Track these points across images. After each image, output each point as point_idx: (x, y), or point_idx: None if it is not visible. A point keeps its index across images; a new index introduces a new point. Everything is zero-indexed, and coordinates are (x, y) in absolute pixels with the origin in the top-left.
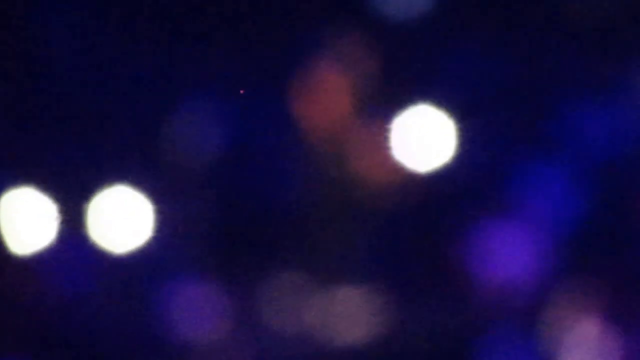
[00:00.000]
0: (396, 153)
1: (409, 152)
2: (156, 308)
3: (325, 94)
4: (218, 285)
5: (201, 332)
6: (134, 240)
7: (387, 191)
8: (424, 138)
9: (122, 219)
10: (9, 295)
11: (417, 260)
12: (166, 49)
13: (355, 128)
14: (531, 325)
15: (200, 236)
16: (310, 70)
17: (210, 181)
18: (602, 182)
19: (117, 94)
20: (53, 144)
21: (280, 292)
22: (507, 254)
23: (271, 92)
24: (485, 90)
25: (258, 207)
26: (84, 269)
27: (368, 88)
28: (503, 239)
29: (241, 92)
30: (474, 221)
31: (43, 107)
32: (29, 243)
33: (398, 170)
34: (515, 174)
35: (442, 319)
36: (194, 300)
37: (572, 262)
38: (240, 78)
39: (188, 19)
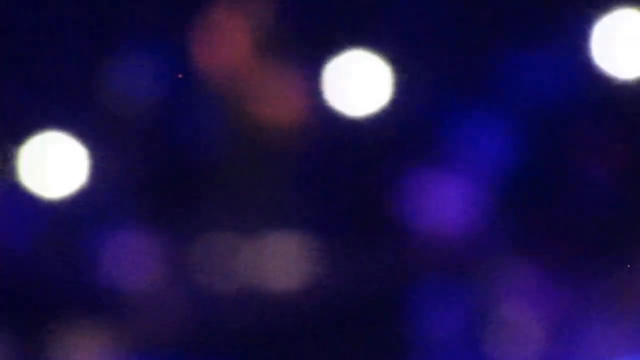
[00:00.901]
0: (328, 98)
1: (341, 97)
2: (89, 255)
3: (235, 39)
4: (149, 232)
5: (134, 279)
6: (67, 187)
7: (316, 137)
8: (357, 83)
9: (55, 164)
10: None
11: (348, 208)
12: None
13: (279, 74)
14: (464, 274)
15: (131, 185)
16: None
17: (140, 130)
18: (536, 132)
19: (50, 39)
20: None
21: (211, 241)
22: (440, 203)
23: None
24: (422, 37)
25: (186, 155)
26: (16, 215)
27: (296, 34)
28: (436, 188)
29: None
30: (407, 169)
31: None
32: None
33: (328, 116)
34: (449, 123)
35: (374, 267)
36: (127, 247)
37: (505, 210)
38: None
39: None
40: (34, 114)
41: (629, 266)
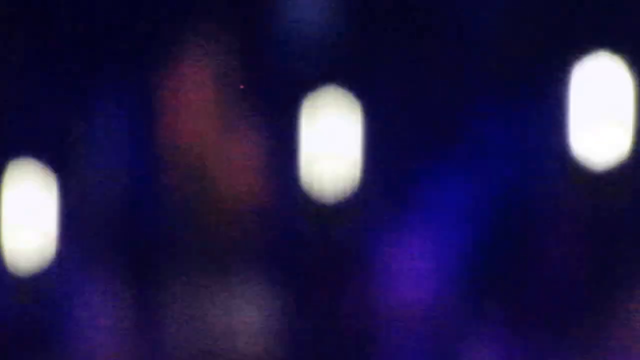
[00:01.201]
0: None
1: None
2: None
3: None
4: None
5: (105, 329)
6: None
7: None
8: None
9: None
10: None
11: (311, 265)
12: None
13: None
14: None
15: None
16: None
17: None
18: (506, 191)
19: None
20: None
21: (179, 292)
22: (406, 270)
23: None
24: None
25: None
26: None
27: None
28: (406, 239)
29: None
30: (376, 220)
31: None
32: None
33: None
34: (419, 187)
35: (340, 320)
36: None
37: (470, 280)
38: None
39: None
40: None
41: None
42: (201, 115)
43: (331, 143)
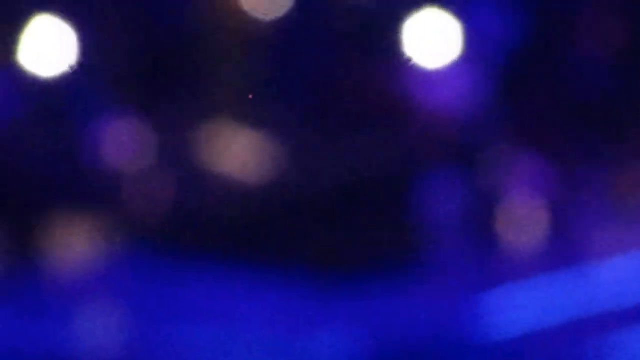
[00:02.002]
0: None
1: None
2: (76, 135)
3: None
4: (136, 114)
5: (119, 161)
6: (59, 66)
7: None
8: None
9: (49, 46)
10: None
11: (350, 93)
12: None
13: None
14: (465, 159)
15: (120, 66)
16: None
17: (129, 12)
18: (536, 13)
19: None
20: None
21: (198, 122)
22: (441, 89)
23: None
24: None
25: (174, 37)
26: (13, 93)
27: None
28: (436, 73)
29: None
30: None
31: None
32: None
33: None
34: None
35: (378, 151)
36: (115, 127)
37: (504, 96)
38: None
39: None
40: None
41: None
42: None
43: None
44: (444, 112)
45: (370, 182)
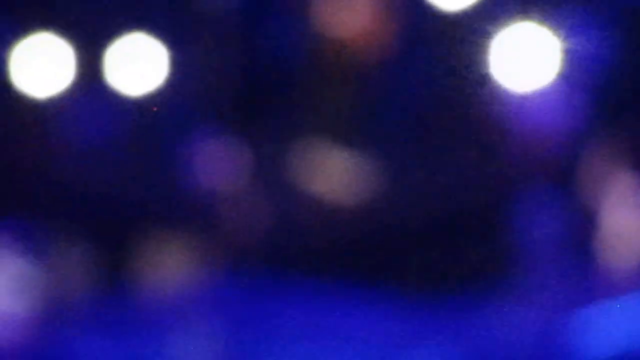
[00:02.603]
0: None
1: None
2: (171, 154)
3: None
4: (231, 135)
5: (215, 181)
6: (149, 85)
7: (407, 37)
8: None
9: (139, 64)
10: (26, 139)
11: (443, 117)
12: None
13: None
14: (565, 181)
15: (216, 85)
16: None
17: (226, 32)
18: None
19: None
20: None
21: (297, 146)
22: (537, 109)
23: None
24: None
25: (272, 61)
26: (101, 113)
27: None
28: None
29: None
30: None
31: None
32: (48, 87)
33: (419, 14)
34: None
35: (475, 175)
36: (208, 149)
37: (602, 117)
38: None
39: None
40: (117, 16)
41: None
42: None
43: None
44: (541, 133)
45: (467, 204)
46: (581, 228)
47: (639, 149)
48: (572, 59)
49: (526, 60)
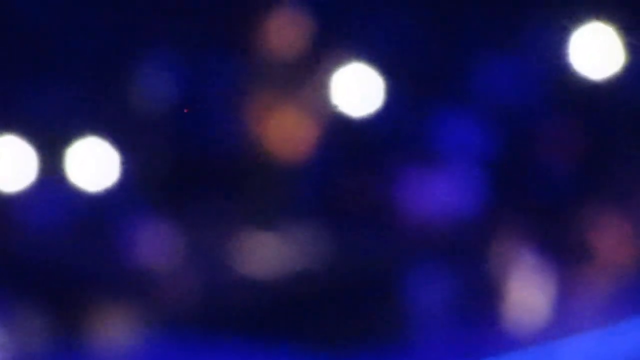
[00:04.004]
0: (333, 104)
1: (345, 103)
2: (117, 236)
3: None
4: (170, 219)
5: (155, 260)
6: (102, 182)
7: (325, 138)
8: (357, 91)
9: (92, 163)
10: None
11: (352, 199)
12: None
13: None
14: (455, 253)
15: (157, 178)
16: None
17: (164, 132)
18: (508, 126)
19: (85, 53)
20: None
21: (223, 228)
22: (431, 192)
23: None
24: (409, 51)
25: (204, 155)
26: (60, 205)
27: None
28: (427, 179)
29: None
30: (402, 163)
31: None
32: (13, 183)
33: (334, 121)
34: (435, 123)
35: (375, 249)
36: (148, 231)
37: (485, 196)
38: (191, 41)
39: None
40: (76, 123)
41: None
42: None
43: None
44: (436, 212)
45: (368, 273)
46: (474, 294)
47: (517, 223)
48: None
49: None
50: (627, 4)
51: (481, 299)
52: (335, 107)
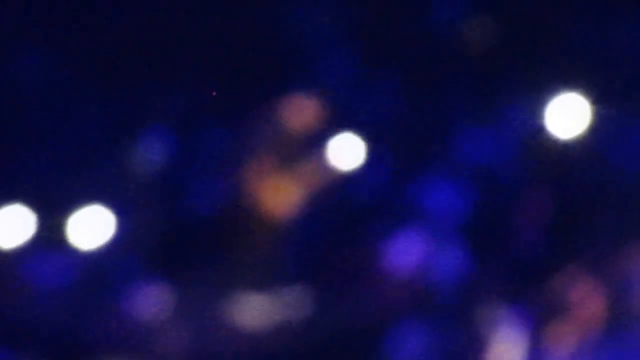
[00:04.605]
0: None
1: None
2: (114, 298)
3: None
4: (162, 279)
5: (149, 317)
6: (98, 243)
7: (307, 202)
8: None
9: (90, 228)
10: None
11: (339, 261)
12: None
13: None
14: (433, 314)
15: (150, 241)
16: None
17: (157, 196)
18: (485, 191)
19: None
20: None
21: (214, 285)
22: (412, 255)
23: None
24: (393, 122)
25: (195, 218)
26: (59, 266)
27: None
28: (408, 242)
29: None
30: (384, 225)
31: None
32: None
33: (317, 185)
34: (417, 188)
35: (358, 308)
36: (144, 292)
37: (465, 255)
38: (185, 115)
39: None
40: (76, 189)
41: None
42: None
43: None
44: (416, 274)
45: (350, 331)
46: (453, 353)
47: (498, 280)
48: None
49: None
50: (591, 77)
51: (460, 357)
52: (327, 172)
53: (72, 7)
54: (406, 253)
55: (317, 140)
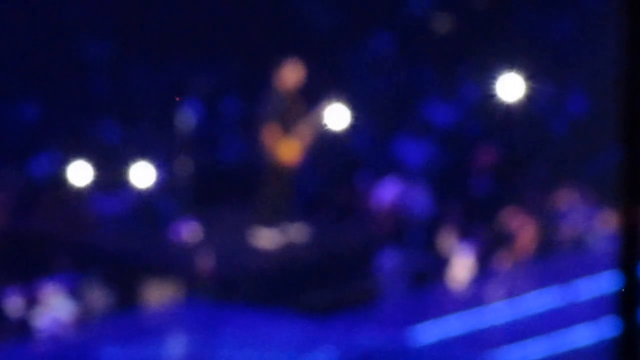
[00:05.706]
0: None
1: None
2: (161, 229)
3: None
4: (198, 214)
5: (186, 239)
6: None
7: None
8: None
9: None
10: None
11: (328, 202)
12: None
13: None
14: (409, 242)
15: (188, 184)
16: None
17: (192, 151)
18: (446, 146)
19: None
20: None
21: (237, 222)
22: (390, 196)
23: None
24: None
25: (222, 169)
26: (118, 201)
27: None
28: (386, 186)
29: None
30: (367, 174)
31: None
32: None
33: (317, 144)
34: (392, 144)
35: (347, 239)
36: (184, 224)
37: (431, 197)
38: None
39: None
40: (132, 148)
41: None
42: None
43: None
44: (393, 212)
45: (343, 255)
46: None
47: (456, 218)
48: None
49: None
50: (527, 59)
51: (427, 275)
52: (322, 133)
53: (128, 6)
54: (385, 195)
55: (314, 106)
